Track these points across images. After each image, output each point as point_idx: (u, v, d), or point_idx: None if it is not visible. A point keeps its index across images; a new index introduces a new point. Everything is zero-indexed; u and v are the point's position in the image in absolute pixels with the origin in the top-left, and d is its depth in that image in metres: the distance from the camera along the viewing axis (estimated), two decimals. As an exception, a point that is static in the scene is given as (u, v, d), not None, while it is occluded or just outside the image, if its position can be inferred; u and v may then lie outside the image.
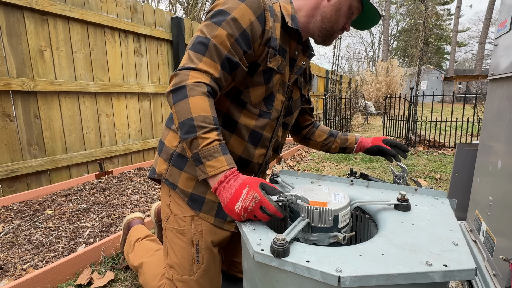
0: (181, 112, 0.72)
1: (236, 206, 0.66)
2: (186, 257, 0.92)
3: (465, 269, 0.48)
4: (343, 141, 1.20)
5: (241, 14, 0.79)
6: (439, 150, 4.16)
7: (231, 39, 0.78)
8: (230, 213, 0.67)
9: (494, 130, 1.12)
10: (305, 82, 1.13)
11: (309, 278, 0.50)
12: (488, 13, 23.68)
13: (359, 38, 38.51)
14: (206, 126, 0.71)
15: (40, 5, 2.32)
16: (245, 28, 0.80)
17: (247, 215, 0.67)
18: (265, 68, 0.88)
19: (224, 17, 0.78)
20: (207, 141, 0.71)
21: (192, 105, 0.72)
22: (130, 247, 1.25)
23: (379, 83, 11.57)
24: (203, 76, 0.75)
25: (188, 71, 0.75)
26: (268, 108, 0.95)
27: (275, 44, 0.87)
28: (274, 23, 0.87)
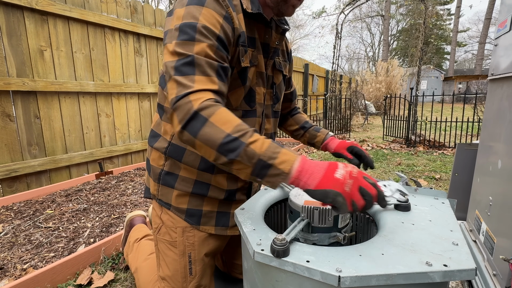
0: (212, 138, 0.63)
1: (338, 172, 0.58)
2: (178, 269, 0.90)
3: (465, 269, 0.48)
4: (312, 137, 1.18)
5: (208, 19, 0.72)
6: (439, 150, 4.17)
7: (213, 48, 0.71)
8: (331, 182, 0.57)
9: (494, 130, 1.12)
10: (284, 60, 1.05)
11: (309, 278, 0.50)
12: (488, 13, 23.69)
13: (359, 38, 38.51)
14: (246, 131, 0.63)
15: (40, 5, 2.32)
16: (219, 33, 0.72)
17: (353, 182, 0.57)
18: (239, 69, 0.82)
19: (194, 29, 0.70)
20: (259, 142, 0.63)
21: (219, 123, 0.63)
22: (130, 248, 1.25)
23: (379, 83, 11.57)
24: (204, 94, 0.67)
25: (187, 97, 0.66)
26: (251, 105, 0.90)
27: (243, 40, 0.80)
28: (237, 15, 0.80)
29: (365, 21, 31.19)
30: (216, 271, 1.22)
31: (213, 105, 0.65)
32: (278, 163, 0.61)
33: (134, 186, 2.52)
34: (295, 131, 1.22)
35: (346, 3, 5.94)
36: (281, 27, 0.92)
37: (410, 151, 4.17)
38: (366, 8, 27.58)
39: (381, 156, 3.85)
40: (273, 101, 1.01)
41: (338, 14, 5.84)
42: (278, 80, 1.00)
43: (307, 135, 1.18)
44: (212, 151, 0.64)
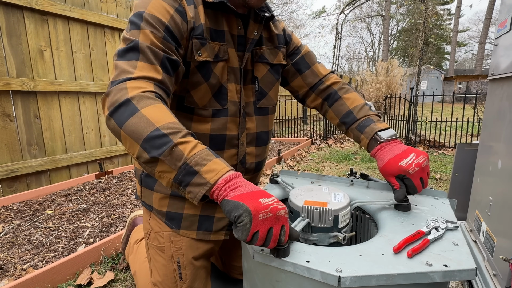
0: (138, 130, 0.55)
1: (264, 200, 0.51)
2: (168, 274, 0.89)
3: (465, 269, 0.48)
4: (356, 139, 0.91)
5: (157, 8, 0.69)
6: (439, 150, 4.16)
7: (159, 38, 0.67)
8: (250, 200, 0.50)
9: (494, 130, 1.12)
10: (275, 47, 0.94)
11: (309, 278, 0.50)
12: (488, 13, 23.68)
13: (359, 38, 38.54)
14: (179, 130, 0.56)
15: (40, 5, 2.32)
16: (167, 23, 0.69)
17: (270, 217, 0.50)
18: (197, 64, 0.76)
19: (140, 18, 0.67)
20: (189, 145, 0.56)
21: (150, 115, 0.56)
22: (130, 249, 1.25)
23: (379, 83, 11.57)
24: (144, 84, 0.61)
25: (124, 83, 0.60)
26: (222, 104, 0.83)
27: (200, 33, 0.75)
28: (195, 8, 0.76)
29: (365, 21, 31.20)
30: (216, 271, 1.22)
31: (151, 98, 0.59)
32: (205, 171, 0.54)
33: (134, 186, 2.52)
34: (339, 126, 0.97)
35: (346, 3, 5.94)
36: (260, 15, 0.84)
37: (410, 151, 4.17)
38: (366, 8, 27.58)
39: (381, 156, 3.85)
40: (256, 97, 0.91)
41: (338, 14, 5.84)
42: (261, 73, 0.91)
43: (351, 134, 0.91)
44: (135, 146, 0.56)
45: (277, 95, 0.99)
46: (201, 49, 0.76)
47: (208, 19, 0.78)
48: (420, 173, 0.71)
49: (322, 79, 1.00)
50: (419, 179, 0.71)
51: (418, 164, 0.70)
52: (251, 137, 0.92)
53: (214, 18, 0.79)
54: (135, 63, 0.63)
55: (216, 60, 0.79)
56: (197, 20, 0.75)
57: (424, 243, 0.55)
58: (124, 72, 0.62)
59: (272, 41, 0.94)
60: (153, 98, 0.60)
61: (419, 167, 0.70)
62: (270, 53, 0.93)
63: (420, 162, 0.71)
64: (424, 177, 0.72)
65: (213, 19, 0.79)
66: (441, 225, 0.61)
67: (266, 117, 0.96)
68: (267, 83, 0.93)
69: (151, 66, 0.64)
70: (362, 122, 0.87)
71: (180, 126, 0.58)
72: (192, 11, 0.74)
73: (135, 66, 0.63)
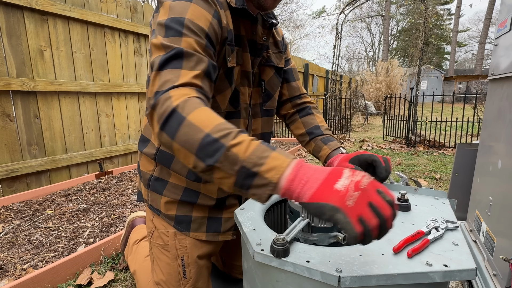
0: (189, 139, 0.53)
1: (339, 183, 0.45)
2: (172, 273, 0.89)
3: (465, 269, 0.48)
4: (317, 149, 0.97)
5: (197, 14, 0.67)
6: (439, 150, 4.16)
7: (202, 45, 0.66)
8: (328, 195, 0.44)
9: (494, 130, 1.12)
10: (279, 51, 0.99)
11: (309, 278, 0.50)
12: (488, 13, 23.69)
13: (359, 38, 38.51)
14: (230, 131, 0.53)
15: (40, 5, 2.32)
16: (207, 30, 0.68)
17: (359, 195, 0.43)
18: (226, 70, 0.77)
19: (180, 24, 0.64)
20: (243, 144, 0.51)
21: (198, 121, 0.53)
22: (129, 250, 1.25)
23: (379, 83, 11.57)
24: (188, 90, 0.59)
25: (167, 92, 0.58)
26: (235, 106, 0.85)
27: (231, 39, 0.76)
28: (224, 12, 0.75)
29: (365, 21, 31.20)
30: (216, 271, 1.22)
31: (195, 103, 0.56)
32: (265, 171, 0.49)
33: (134, 186, 2.52)
34: (301, 136, 1.03)
35: (346, 3, 5.94)
36: (268, 22, 0.88)
37: (410, 151, 4.17)
38: (366, 8, 27.58)
39: (381, 156, 3.85)
40: (263, 99, 0.96)
41: (338, 14, 5.84)
42: (268, 76, 0.95)
43: (313, 144, 0.98)
44: (190, 156, 0.53)
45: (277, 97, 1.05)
46: (230, 55, 0.78)
47: (233, 25, 0.79)
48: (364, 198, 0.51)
49: (301, 95, 1.10)
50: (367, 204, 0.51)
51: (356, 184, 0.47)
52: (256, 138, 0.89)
53: (235, 23, 0.81)
54: (179, 71, 0.61)
55: (236, 65, 0.82)
56: (228, 25, 0.76)
57: (424, 243, 0.55)
58: (168, 81, 0.60)
59: (277, 46, 0.98)
60: (197, 102, 0.57)
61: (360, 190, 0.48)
62: (276, 57, 0.97)
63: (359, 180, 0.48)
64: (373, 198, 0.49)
65: (235, 23, 0.81)
66: (441, 225, 0.61)
67: (271, 118, 1.01)
68: (272, 85, 0.97)
69: (194, 72, 0.62)
70: (328, 137, 0.98)
71: (230, 125, 0.55)
72: (224, 16, 0.75)
73: (178, 74, 0.61)
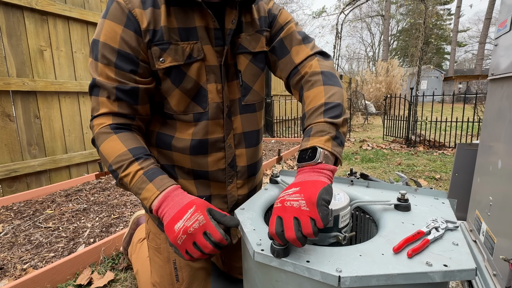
0: (104, 162, 0.71)
1: (177, 225, 0.59)
2: (165, 276, 0.89)
3: (465, 269, 0.48)
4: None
5: (107, 34, 0.69)
6: (439, 150, 4.16)
7: (112, 69, 0.69)
8: (168, 232, 0.60)
9: (494, 130, 1.12)
10: (258, 32, 0.82)
11: (309, 278, 0.50)
12: (488, 13, 23.68)
13: (359, 38, 38.52)
14: (122, 163, 0.67)
15: (40, 5, 2.32)
16: (118, 48, 0.69)
17: (185, 238, 0.58)
18: (164, 71, 0.73)
19: (97, 47, 0.70)
20: (129, 177, 0.67)
21: (105, 152, 0.69)
22: (133, 248, 1.25)
23: (379, 83, 11.57)
24: (104, 119, 0.71)
25: (92, 121, 0.73)
26: (204, 106, 0.78)
27: (159, 38, 0.71)
28: (156, 9, 0.70)
29: (365, 21, 31.19)
30: (217, 271, 1.22)
31: (106, 133, 0.70)
32: (142, 199, 0.66)
33: (134, 186, 2.52)
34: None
35: (346, 3, 5.94)
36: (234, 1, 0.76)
37: (410, 151, 4.17)
38: (366, 8, 27.58)
39: (381, 156, 3.85)
40: (241, 93, 0.83)
41: (338, 14, 5.84)
42: (243, 65, 0.81)
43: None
44: None
45: (263, 88, 0.89)
46: (163, 55, 0.72)
47: (175, 18, 0.72)
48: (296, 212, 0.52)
49: (297, 67, 0.81)
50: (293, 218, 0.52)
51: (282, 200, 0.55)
52: (238, 138, 0.85)
53: (183, 15, 0.73)
54: (98, 99, 0.71)
55: (189, 62, 0.74)
56: (157, 24, 0.71)
57: (424, 243, 0.55)
58: (93, 109, 0.73)
59: (253, 26, 0.82)
60: (108, 132, 0.70)
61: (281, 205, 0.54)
62: (251, 39, 0.81)
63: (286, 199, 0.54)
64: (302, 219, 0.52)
65: (182, 16, 0.73)
66: (441, 225, 0.61)
67: (254, 114, 0.87)
68: (250, 76, 0.83)
69: (108, 101, 0.71)
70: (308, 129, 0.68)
71: (125, 156, 0.67)
72: (149, 15, 0.70)
73: (98, 102, 0.71)
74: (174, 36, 0.72)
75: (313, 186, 0.55)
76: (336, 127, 0.66)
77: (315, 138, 0.63)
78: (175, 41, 0.72)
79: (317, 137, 0.63)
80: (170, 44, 0.72)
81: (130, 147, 0.69)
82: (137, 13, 0.69)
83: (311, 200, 0.52)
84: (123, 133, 0.71)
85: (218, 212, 0.63)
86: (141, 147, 0.71)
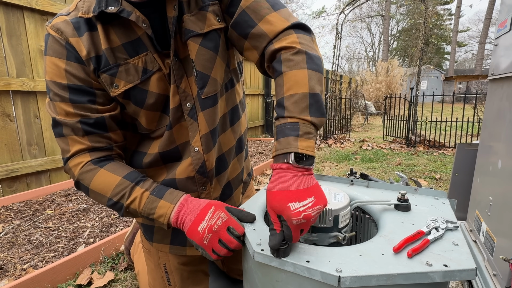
0: (99, 201, 0.68)
1: (201, 226, 0.61)
2: (157, 279, 0.89)
3: (465, 269, 0.48)
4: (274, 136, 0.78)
5: (52, 71, 0.65)
6: (439, 150, 4.16)
7: (68, 104, 0.65)
8: (193, 235, 0.61)
9: (494, 130, 1.12)
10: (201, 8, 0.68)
11: (309, 278, 0.50)
12: (488, 13, 23.68)
13: (359, 38, 38.52)
14: (124, 192, 0.65)
15: (40, 5, 2.32)
16: (67, 83, 0.65)
17: (211, 236, 0.61)
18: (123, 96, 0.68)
19: (48, 87, 0.67)
20: (136, 202, 0.65)
21: (98, 189, 0.66)
22: (135, 248, 1.25)
23: (379, 83, 11.57)
24: (80, 157, 0.68)
25: (67, 164, 0.69)
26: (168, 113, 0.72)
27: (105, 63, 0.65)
28: (93, 32, 0.64)
29: (365, 21, 31.19)
30: (216, 271, 1.22)
31: (91, 171, 0.67)
32: (157, 218, 0.65)
33: (134, 186, 2.52)
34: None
35: (346, 3, 5.94)
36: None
37: (410, 151, 4.17)
38: (366, 8, 27.58)
39: (381, 156, 3.85)
40: (198, 85, 0.71)
41: (338, 14, 5.84)
42: (193, 52, 0.69)
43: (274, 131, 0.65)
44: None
45: (222, 73, 0.75)
46: (115, 80, 0.66)
47: (115, 35, 0.65)
48: (303, 226, 0.53)
49: (272, 40, 0.66)
50: (299, 231, 0.54)
51: (307, 216, 0.51)
52: (205, 139, 0.74)
53: (122, 30, 0.65)
54: (66, 139, 0.68)
55: (147, 77, 0.67)
56: (98, 49, 0.65)
57: (424, 243, 0.54)
58: (64, 151, 0.69)
59: (196, 2, 0.69)
60: (93, 168, 0.67)
61: (307, 220, 0.52)
62: (196, 19, 0.68)
63: (311, 214, 0.52)
64: (306, 229, 0.55)
65: (122, 30, 0.65)
66: (441, 225, 0.61)
67: (214, 108, 0.74)
68: (204, 62, 0.69)
69: (77, 137, 0.67)
70: (286, 125, 0.59)
71: (124, 184, 0.66)
72: (86, 42, 0.64)
73: (67, 142, 0.68)
74: (120, 55, 0.66)
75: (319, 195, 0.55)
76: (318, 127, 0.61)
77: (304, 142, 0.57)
78: (124, 61, 0.66)
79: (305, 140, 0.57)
80: (118, 66, 0.66)
81: (124, 174, 0.67)
82: (73, 42, 0.64)
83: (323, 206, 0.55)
84: (108, 164, 0.68)
85: (235, 209, 0.66)
86: (134, 172, 0.70)
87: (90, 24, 0.65)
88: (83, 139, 0.67)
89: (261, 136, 5.94)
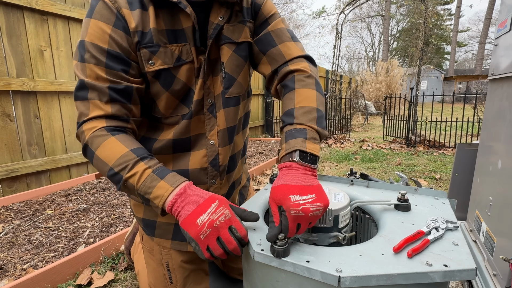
0: (101, 169, 0.66)
1: (201, 218, 0.56)
2: (158, 278, 0.89)
3: (465, 269, 0.48)
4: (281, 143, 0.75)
5: (95, 33, 0.67)
6: (439, 150, 4.16)
7: (102, 69, 0.67)
8: (189, 227, 0.56)
9: (494, 130, 1.12)
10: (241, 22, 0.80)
11: (309, 278, 0.50)
12: (488, 13, 23.68)
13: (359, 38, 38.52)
14: (127, 164, 0.63)
15: (40, 5, 2.32)
16: (108, 48, 0.67)
17: (210, 232, 0.56)
18: (153, 74, 0.72)
19: (83, 48, 0.67)
20: (136, 176, 0.62)
21: (103, 156, 0.65)
22: (136, 248, 1.25)
23: (379, 83, 11.57)
24: (96, 122, 0.67)
25: (81, 126, 0.67)
26: (189, 106, 0.77)
27: (149, 40, 0.70)
28: (144, 11, 0.69)
29: (365, 21, 31.19)
30: (216, 271, 1.22)
31: (101, 136, 0.65)
32: (152, 198, 0.62)
33: (134, 186, 2.52)
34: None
35: (346, 3, 5.94)
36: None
37: (410, 151, 4.17)
38: (366, 8, 27.58)
39: (381, 156, 3.85)
40: (224, 85, 0.80)
41: (338, 14, 5.84)
42: (226, 56, 0.79)
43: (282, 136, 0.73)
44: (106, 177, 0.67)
45: (247, 80, 0.87)
46: (152, 57, 0.71)
47: (162, 20, 0.71)
48: (301, 219, 0.55)
49: (287, 62, 0.81)
50: (297, 224, 0.56)
51: (306, 209, 0.54)
52: (222, 134, 0.82)
53: (170, 17, 0.71)
54: (87, 103, 0.67)
55: (179, 64, 0.73)
56: (145, 26, 0.69)
57: (424, 243, 0.55)
58: (81, 115, 0.68)
59: (236, 16, 0.80)
60: (104, 134, 0.66)
61: (305, 214, 0.54)
62: (234, 30, 0.79)
63: (310, 208, 0.54)
64: (303, 225, 0.56)
65: (169, 18, 0.71)
66: (441, 225, 0.61)
67: (236, 108, 0.84)
68: (233, 66, 0.80)
69: (101, 103, 0.67)
70: (295, 130, 0.69)
71: (128, 156, 0.64)
72: (137, 17, 0.68)
73: (88, 107, 0.68)
74: (162, 38, 0.71)
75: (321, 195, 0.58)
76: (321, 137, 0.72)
77: (310, 144, 0.67)
78: (164, 44, 0.71)
79: (312, 143, 0.67)
80: (159, 46, 0.71)
81: (132, 147, 0.65)
82: (125, 13, 0.68)
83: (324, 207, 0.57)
84: (120, 135, 0.68)
85: (238, 208, 0.63)
86: (142, 148, 0.68)
87: (142, 4, 0.70)
88: (105, 105, 0.68)
89: (261, 136, 5.94)
